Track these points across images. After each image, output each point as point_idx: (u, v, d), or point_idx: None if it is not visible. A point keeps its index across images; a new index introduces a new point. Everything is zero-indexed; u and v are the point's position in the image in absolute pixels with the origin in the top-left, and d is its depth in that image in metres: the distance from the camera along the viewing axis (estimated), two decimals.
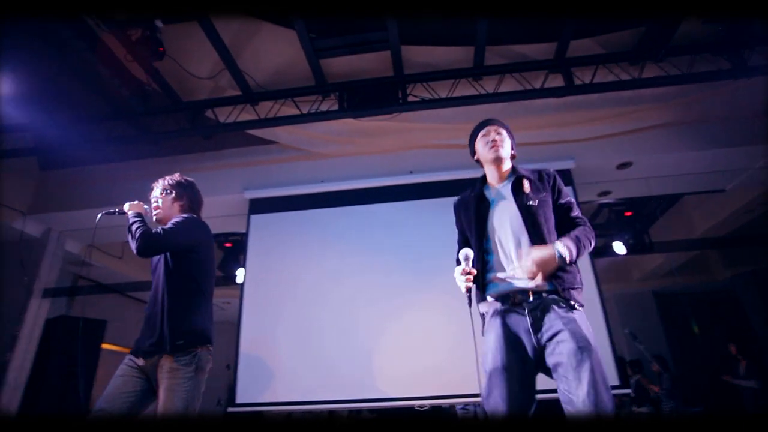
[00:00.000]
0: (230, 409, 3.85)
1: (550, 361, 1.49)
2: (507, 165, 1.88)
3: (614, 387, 3.54)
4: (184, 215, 2.24)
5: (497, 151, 1.83)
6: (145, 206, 2.24)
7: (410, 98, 4.08)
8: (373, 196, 4.48)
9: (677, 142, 4.28)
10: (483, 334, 1.71)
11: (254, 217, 4.55)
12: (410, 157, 4.53)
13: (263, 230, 4.48)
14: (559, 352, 1.46)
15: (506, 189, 1.82)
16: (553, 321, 1.52)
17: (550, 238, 1.65)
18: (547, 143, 4.40)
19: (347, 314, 4.03)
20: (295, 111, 4.14)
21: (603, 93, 4.00)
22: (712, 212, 5.80)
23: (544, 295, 1.58)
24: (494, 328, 1.61)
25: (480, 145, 1.91)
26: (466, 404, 3.90)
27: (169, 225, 2.11)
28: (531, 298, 1.58)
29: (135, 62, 3.93)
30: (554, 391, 1.45)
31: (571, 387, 1.40)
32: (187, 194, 2.36)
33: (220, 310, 8.26)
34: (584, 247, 1.64)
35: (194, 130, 4.31)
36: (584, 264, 3.96)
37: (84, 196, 5.03)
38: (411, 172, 4.49)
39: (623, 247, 5.75)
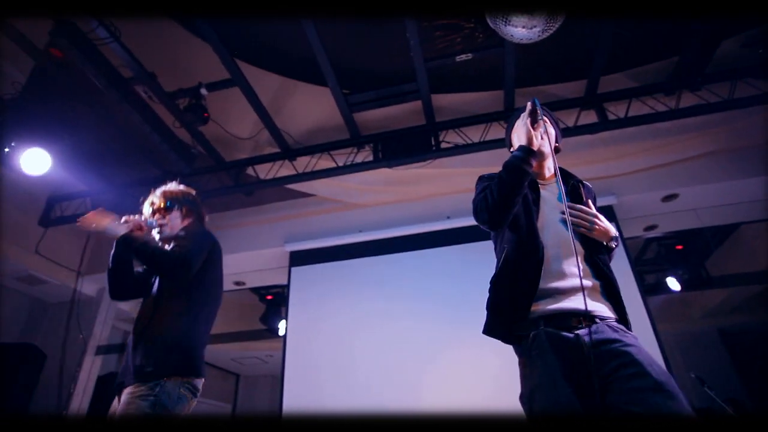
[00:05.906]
0: None
1: None
2: (551, 162, 1.60)
3: None
4: (201, 230, 2.02)
5: (541, 144, 1.52)
6: (150, 220, 2.03)
7: (443, 145, 4.13)
8: (411, 243, 4.46)
9: (725, 171, 4.09)
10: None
11: (295, 269, 4.61)
12: (447, 202, 4.53)
13: (304, 282, 4.52)
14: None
15: (553, 190, 1.56)
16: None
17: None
18: (584, 180, 4.30)
19: (391, 363, 3.92)
20: (331, 164, 4.27)
21: (640, 126, 3.92)
22: None
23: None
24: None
25: (516, 136, 1.59)
26: None
27: (189, 242, 1.88)
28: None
29: (182, 128, 4.23)
30: None
31: None
32: (195, 210, 2.11)
33: (263, 363, 8.24)
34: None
35: (237, 188, 4.49)
36: (635, 301, 3.73)
37: None
38: (448, 217, 4.48)
39: (677, 282, 5.42)
